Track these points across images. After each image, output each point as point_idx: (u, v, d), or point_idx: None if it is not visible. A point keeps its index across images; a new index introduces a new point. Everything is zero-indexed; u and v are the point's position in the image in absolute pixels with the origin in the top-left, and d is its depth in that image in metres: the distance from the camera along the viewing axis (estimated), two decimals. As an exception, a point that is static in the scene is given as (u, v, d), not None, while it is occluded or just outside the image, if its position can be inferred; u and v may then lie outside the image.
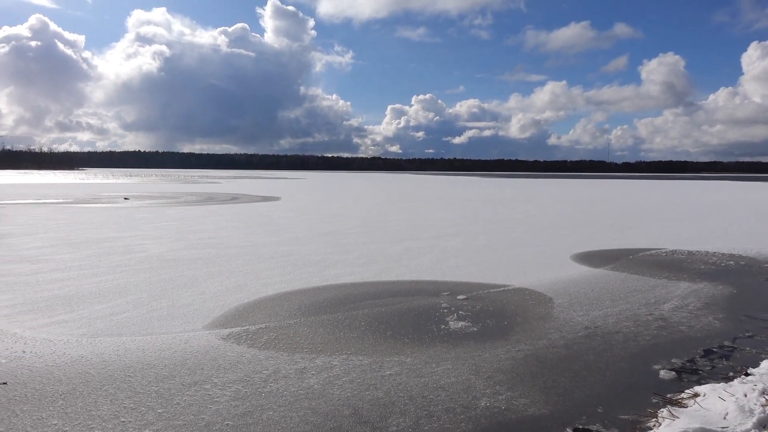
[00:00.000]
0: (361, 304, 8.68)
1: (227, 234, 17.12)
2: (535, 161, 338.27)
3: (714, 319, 8.07)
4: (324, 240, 16.01)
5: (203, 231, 17.86)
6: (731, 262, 12.96)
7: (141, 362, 5.96)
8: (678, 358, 6.36)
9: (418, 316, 7.97)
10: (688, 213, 27.70)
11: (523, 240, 16.53)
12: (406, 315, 8.04)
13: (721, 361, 6.33)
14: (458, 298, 9.06)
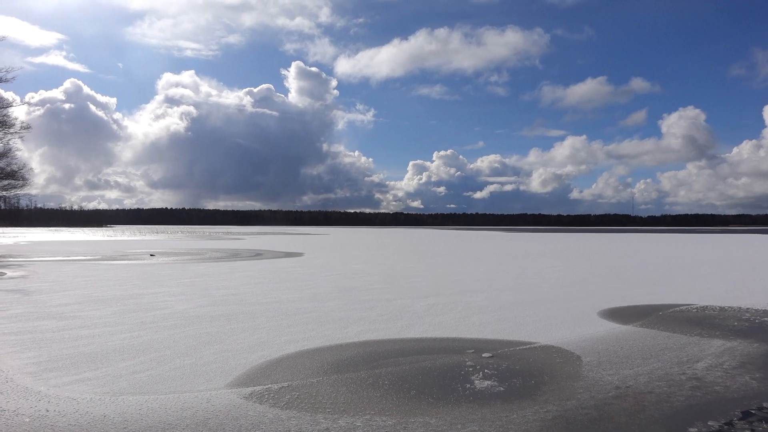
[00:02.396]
0: (384, 362, 8.55)
1: (251, 290, 17.18)
2: (559, 215, 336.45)
3: (751, 378, 7.76)
4: (347, 296, 15.96)
5: (227, 287, 17.96)
6: (766, 319, 12.55)
7: (163, 422, 5.91)
8: (714, 421, 6.10)
9: (443, 375, 7.81)
10: (717, 267, 27.08)
11: (549, 296, 16.27)
12: (430, 373, 7.89)
13: (760, 424, 6.05)
14: (484, 356, 8.89)
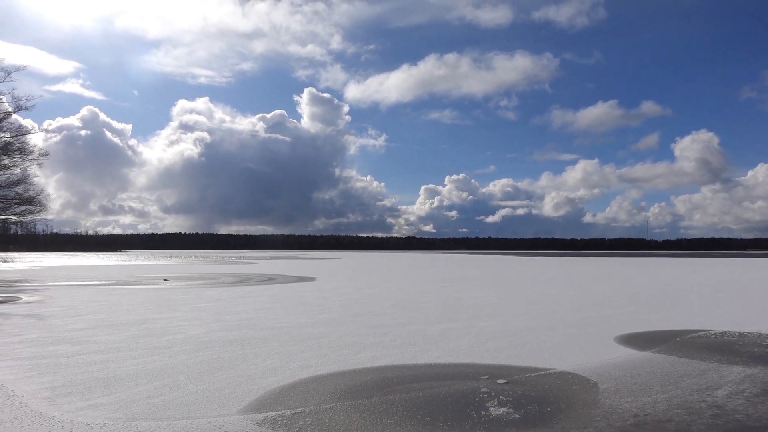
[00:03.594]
0: (398, 388, 8.47)
1: (264, 315, 17.17)
2: (572, 239, 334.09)
3: (774, 406, 7.58)
4: (360, 321, 15.89)
5: (240, 312, 17.96)
6: (787, 345, 12.29)
7: (176, 448, 5.87)
8: (738, 450, 5.95)
9: (457, 402, 7.71)
10: (735, 292, 26.66)
11: (564, 321, 16.09)
12: (444, 400, 7.79)
13: (785, 454, 5.88)
14: (498, 382, 8.78)
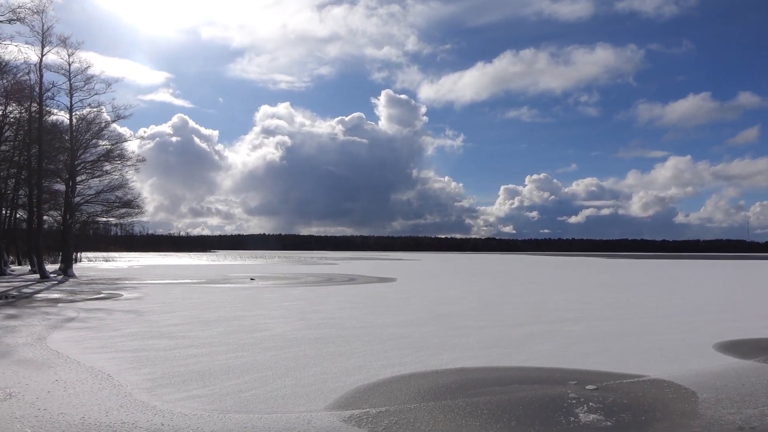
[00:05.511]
0: (482, 390, 8.37)
1: (346, 314, 17.47)
2: (663, 241, 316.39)
3: None
4: (441, 322, 15.83)
5: (323, 311, 18.36)
6: None
7: (267, 441, 6.08)
8: None
9: (545, 406, 7.52)
10: None
11: (656, 326, 15.33)
12: (531, 404, 7.62)
13: None
14: (587, 388, 8.48)
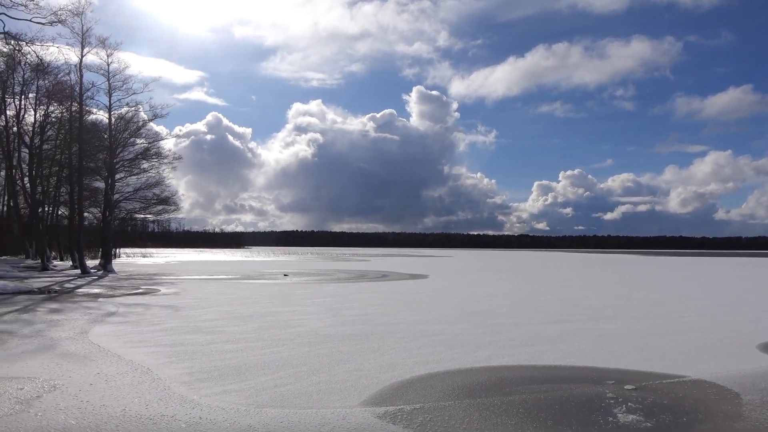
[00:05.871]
0: (517, 388, 8.29)
1: (379, 311, 17.50)
2: (703, 238, 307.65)
3: None
4: (474, 319, 15.74)
5: (356, 308, 18.44)
6: None
7: (303, 436, 6.14)
8: None
9: (581, 406, 7.41)
10: None
11: (696, 325, 14.95)
12: (567, 403, 7.52)
13: None
14: (626, 387, 8.32)
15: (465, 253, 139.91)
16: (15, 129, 44.49)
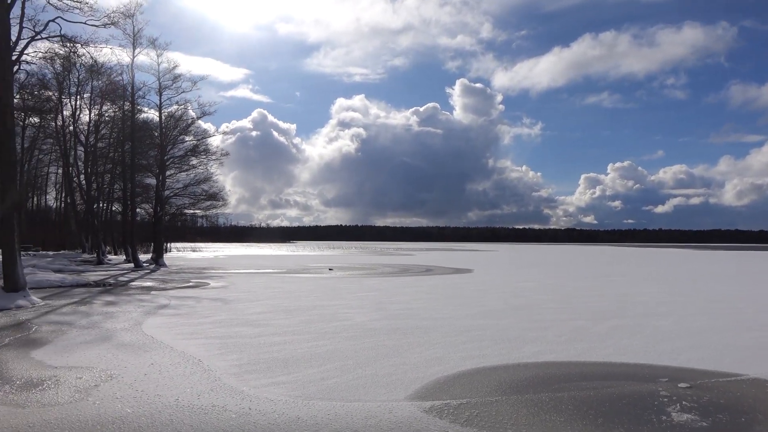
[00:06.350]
0: (566, 385, 8.14)
1: (423, 305, 17.48)
2: (761, 231, 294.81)
3: None
4: (520, 314, 15.54)
5: (400, 302, 18.46)
6: None
7: (349, 428, 6.20)
8: None
9: (633, 404, 7.22)
10: None
11: (756, 322, 14.36)
12: (618, 401, 7.34)
13: None
14: (680, 386, 8.07)
15: (510, 248, 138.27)
16: (71, 128, 46.34)
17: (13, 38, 19.17)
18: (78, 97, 45.76)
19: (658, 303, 18.56)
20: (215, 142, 49.53)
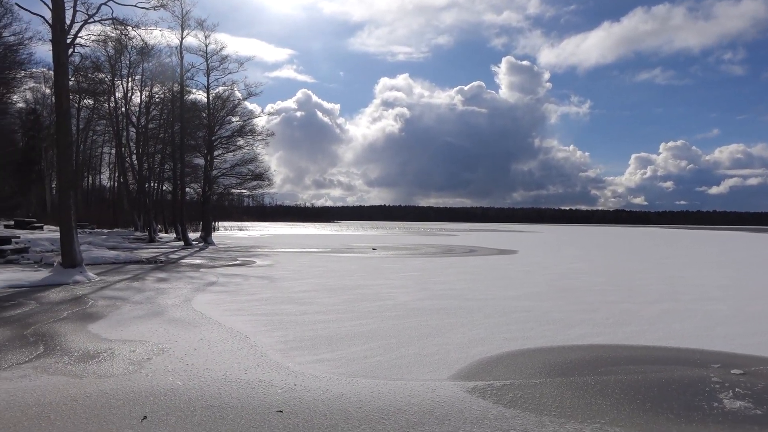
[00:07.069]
0: (613, 369, 7.99)
1: (466, 286, 17.40)
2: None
3: None
4: (565, 296, 15.29)
5: (444, 282, 18.42)
6: None
7: (393, 406, 6.25)
8: None
9: (683, 390, 7.03)
10: None
11: (816, 308, 13.73)
12: (667, 386, 7.16)
13: None
14: (732, 372, 7.80)
15: (556, 229, 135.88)
16: (123, 109, 47.68)
17: (68, 21, 19.70)
18: (129, 78, 47.02)
19: (714, 287, 17.95)
20: (261, 122, 50.13)
